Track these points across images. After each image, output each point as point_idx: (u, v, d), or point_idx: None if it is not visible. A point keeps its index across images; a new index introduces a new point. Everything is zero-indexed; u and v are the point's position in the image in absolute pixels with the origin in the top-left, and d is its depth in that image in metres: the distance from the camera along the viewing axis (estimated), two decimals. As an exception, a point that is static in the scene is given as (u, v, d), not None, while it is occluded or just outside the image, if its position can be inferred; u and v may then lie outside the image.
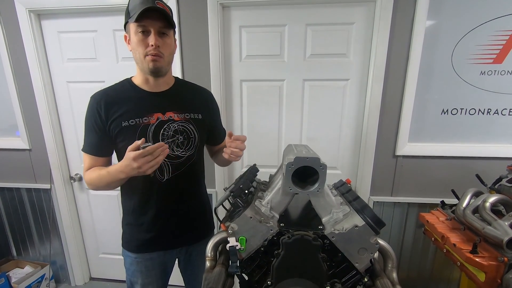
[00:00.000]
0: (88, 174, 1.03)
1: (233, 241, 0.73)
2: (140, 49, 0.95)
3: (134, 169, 0.85)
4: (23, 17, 1.70)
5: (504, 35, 1.47)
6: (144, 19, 0.91)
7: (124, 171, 0.89)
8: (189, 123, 1.07)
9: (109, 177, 0.96)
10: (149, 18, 0.91)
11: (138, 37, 0.93)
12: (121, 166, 0.90)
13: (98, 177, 0.99)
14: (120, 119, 0.99)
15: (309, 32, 1.62)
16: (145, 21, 0.91)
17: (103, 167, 1.02)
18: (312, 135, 1.77)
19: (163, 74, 1.02)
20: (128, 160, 0.85)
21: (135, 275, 1.13)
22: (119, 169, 0.91)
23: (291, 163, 0.69)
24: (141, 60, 0.96)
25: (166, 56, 0.99)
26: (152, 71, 0.98)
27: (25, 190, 2.03)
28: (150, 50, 0.94)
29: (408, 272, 1.86)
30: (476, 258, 1.02)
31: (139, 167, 0.84)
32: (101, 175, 0.98)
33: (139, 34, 0.93)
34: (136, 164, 0.84)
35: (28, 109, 1.86)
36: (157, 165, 0.87)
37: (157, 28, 0.94)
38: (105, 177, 0.97)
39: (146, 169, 0.85)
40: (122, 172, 0.90)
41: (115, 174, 0.93)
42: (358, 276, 0.74)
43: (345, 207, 0.78)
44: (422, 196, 1.72)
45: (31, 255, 2.21)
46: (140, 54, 0.95)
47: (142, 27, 0.92)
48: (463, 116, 1.60)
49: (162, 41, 0.95)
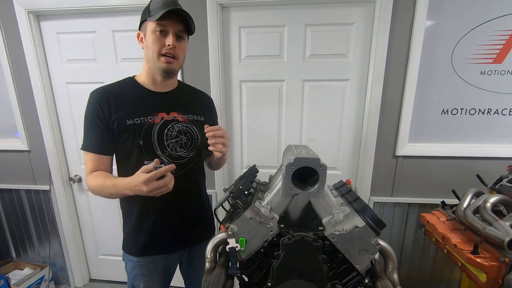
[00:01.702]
0: (92, 179, 0.98)
1: (232, 242, 0.72)
2: (155, 47, 0.95)
3: (143, 192, 0.83)
4: (22, 18, 1.69)
5: (504, 34, 1.47)
6: (165, 19, 0.92)
7: (132, 190, 0.87)
8: (192, 125, 1.08)
9: (114, 190, 0.93)
10: (170, 20, 0.93)
11: (155, 35, 0.94)
12: (129, 184, 0.87)
13: (102, 186, 0.96)
14: (124, 117, 0.97)
15: (308, 32, 1.61)
16: (166, 21, 0.93)
17: (108, 176, 0.99)
18: (312, 135, 1.77)
19: (173, 76, 1.04)
20: (138, 181, 0.82)
21: (138, 279, 1.12)
22: (127, 186, 0.88)
23: (291, 163, 0.69)
24: (154, 59, 0.96)
25: (181, 59, 1.00)
26: (165, 71, 0.98)
27: (24, 191, 2.03)
28: (166, 49, 0.94)
29: (408, 273, 1.85)
30: (477, 259, 1.01)
31: (150, 191, 0.82)
32: (105, 186, 0.95)
33: (156, 33, 0.94)
34: (146, 188, 0.81)
35: (27, 110, 1.86)
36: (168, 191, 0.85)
37: (176, 31, 0.95)
38: (109, 189, 0.95)
39: (155, 194, 0.84)
40: (129, 190, 0.88)
41: (121, 189, 0.91)
42: (359, 277, 0.73)
43: (346, 208, 0.78)
44: (423, 197, 1.71)
45: (30, 257, 2.20)
46: (155, 53, 0.95)
47: (161, 27, 0.93)
48: (463, 116, 1.60)
49: (178, 44, 0.97)
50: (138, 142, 0.98)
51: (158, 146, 1.01)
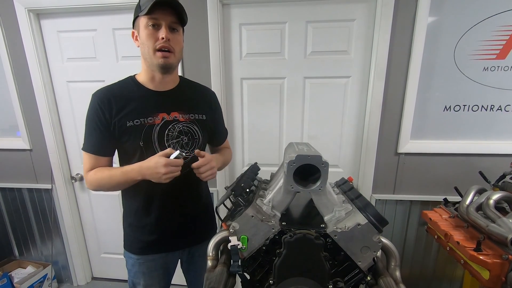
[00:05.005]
0: (93, 174, 0.99)
1: (234, 240, 0.72)
2: (149, 42, 0.92)
3: (158, 174, 0.88)
4: (22, 16, 1.69)
5: (507, 30, 1.45)
6: (156, 12, 0.89)
7: (145, 174, 0.91)
8: (193, 124, 1.06)
9: (122, 177, 0.95)
10: (160, 11, 0.90)
11: (148, 30, 0.92)
12: (141, 167, 0.91)
13: (109, 178, 0.97)
14: (124, 119, 0.97)
15: (309, 29, 1.60)
16: (157, 13, 0.90)
17: (112, 168, 1.01)
18: (314, 133, 1.76)
19: (171, 71, 1.01)
20: (156, 164, 0.88)
21: (138, 277, 1.13)
22: (138, 169, 0.92)
23: (293, 161, 0.69)
24: (150, 56, 0.94)
25: (177, 52, 0.97)
26: (162, 67, 0.95)
27: (26, 190, 2.03)
28: (160, 43, 0.91)
29: (411, 270, 1.85)
30: (480, 256, 1.01)
31: (166, 173, 0.87)
32: (112, 176, 0.97)
33: (149, 27, 0.91)
34: (165, 170, 0.87)
35: (28, 109, 1.86)
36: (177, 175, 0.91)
37: (168, 23, 0.92)
38: (117, 177, 0.96)
39: (167, 177, 0.89)
40: (140, 173, 0.92)
41: (132, 174, 0.94)
42: (361, 275, 0.73)
43: (348, 205, 0.77)
44: (425, 194, 1.70)
45: (33, 255, 2.22)
46: (150, 49, 0.93)
47: (153, 20, 0.91)
48: (466, 113, 1.59)
49: (172, 36, 0.93)
50: (139, 143, 0.98)
51: (159, 147, 1.00)
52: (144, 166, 0.91)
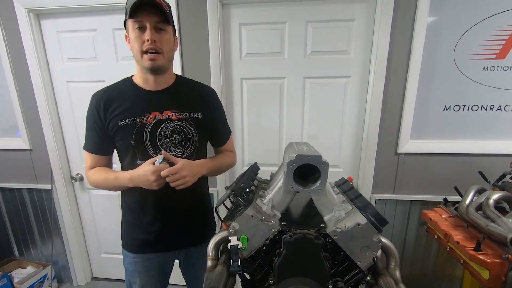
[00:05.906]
0: (92, 174, 1.04)
1: (234, 240, 0.72)
2: (136, 45, 0.92)
3: (148, 181, 0.89)
4: (22, 17, 1.69)
5: (506, 30, 1.45)
6: (140, 14, 0.89)
7: (137, 181, 0.93)
8: (187, 123, 1.04)
9: (116, 183, 0.99)
10: (144, 12, 0.89)
11: (135, 33, 0.91)
12: (132, 176, 0.94)
13: (104, 180, 1.01)
14: (117, 118, 0.98)
15: (309, 29, 1.60)
16: (141, 15, 0.89)
17: (109, 170, 1.05)
18: (313, 133, 1.76)
19: (163, 72, 1.00)
20: (145, 172, 0.89)
21: (134, 275, 1.13)
22: (129, 177, 0.94)
23: (293, 161, 0.69)
24: (138, 58, 0.94)
25: (166, 52, 0.95)
26: (151, 69, 0.95)
27: (26, 190, 2.03)
28: (146, 45, 0.90)
29: (411, 270, 1.85)
30: (480, 256, 1.01)
31: (155, 180, 0.89)
32: (107, 179, 1.01)
33: (135, 30, 0.91)
34: (154, 177, 0.88)
35: (28, 109, 1.86)
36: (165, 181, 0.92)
37: (153, 23, 0.91)
38: (111, 182, 1.00)
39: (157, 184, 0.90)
40: (131, 181, 0.94)
41: (123, 181, 0.97)
42: (361, 275, 0.73)
43: (347, 205, 0.77)
44: (425, 194, 1.70)
45: (33, 255, 2.21)
46: (137, 52, 0.93)
47: (138, 23, 0.90)
48: (466, 113, 1.59)
49: (159, 37, 0.92)
50: (130, 142, 0.99)
51: (150, 146, 1.00)
52: (135, 175, 0.93)
